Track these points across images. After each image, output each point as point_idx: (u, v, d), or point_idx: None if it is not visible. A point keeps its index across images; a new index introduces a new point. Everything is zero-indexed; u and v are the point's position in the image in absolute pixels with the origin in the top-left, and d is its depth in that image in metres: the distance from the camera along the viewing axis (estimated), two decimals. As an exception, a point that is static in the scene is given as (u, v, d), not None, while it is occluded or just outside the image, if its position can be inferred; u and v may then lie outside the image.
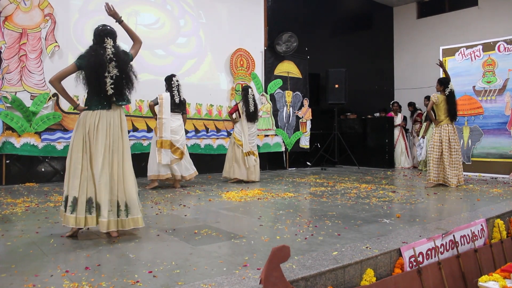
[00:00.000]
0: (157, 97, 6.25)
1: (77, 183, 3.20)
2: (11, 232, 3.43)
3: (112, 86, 3.28)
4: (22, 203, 4.81)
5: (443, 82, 6.60)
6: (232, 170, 7.09)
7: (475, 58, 8.58)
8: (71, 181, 3.22)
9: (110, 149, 3.29)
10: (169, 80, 6.35)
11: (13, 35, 6.41)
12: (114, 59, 3.33)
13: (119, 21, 3.59)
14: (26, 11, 6.53)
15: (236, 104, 7.21)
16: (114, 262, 2.66)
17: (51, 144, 6.67)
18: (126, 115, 7.29)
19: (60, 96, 6.62)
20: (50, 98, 6.66)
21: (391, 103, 11.13)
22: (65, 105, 6.79)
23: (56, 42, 6.78)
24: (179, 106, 6.33)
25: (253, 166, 7.10)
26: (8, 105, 6.34)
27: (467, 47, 8.73)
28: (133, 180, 3.41)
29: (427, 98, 10.05)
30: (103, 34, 3.40)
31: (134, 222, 3.33)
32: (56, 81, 3.34)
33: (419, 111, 10.56)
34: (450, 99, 6.52)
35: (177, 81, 6.33)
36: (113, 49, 3.35)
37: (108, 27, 3.48)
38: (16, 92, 6.39)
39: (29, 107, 6.46)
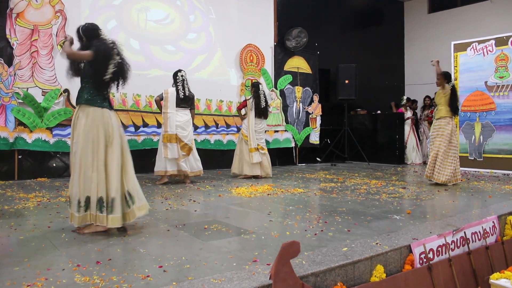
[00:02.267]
0: (162, 92, 6.28)
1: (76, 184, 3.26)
2: (23, 226, 3.47)
3: (115, 70, 3.35)
4: (34, 198, 4.87)
5: (448, 76, 6.38)
6: (241, 167, 7.09)
7: (487, 53, 8.47)
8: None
9: (96, 146, 3.25)
10: (175, 75, 6.34)
11: (25, 32, 6.47)
12: (115, 47, 3.39)
13: None
14: (37, 8, 6.58)
15: (245, 100, 7.19)
16: (125, 256, 2.68)
17: (62, 139, 6.73)
18: (136, 111, 7.42)
19: (71, 92, 6.66)
20: (61, 94, 6.71)
21: (405, 98, 10.97)
22: (75, 101, 6.84)
23: (67, 38, 6.82)
24: (185, 101, 6.29)
25: (261, 162, 7.09)
26: (20, 101, 6.40)
27: (479, 42, 8.62)
28: (131, 171, 3.39)
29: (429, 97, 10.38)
30: (96, 27, 3.48)
31: (138, 210, 3.35)
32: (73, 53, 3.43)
33: (433, 108, 10.48)
34: (453, 94, 6.35)
35: (181, 76, 6.29)
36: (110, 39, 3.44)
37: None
38: (27, 88, 6.45)
39: (40, 103, 6.52)
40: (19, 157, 6.50)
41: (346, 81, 10.17)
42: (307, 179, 7.12)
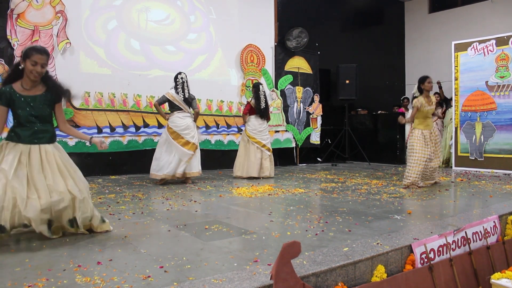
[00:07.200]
0: (164, 95, 6.28)
1: None
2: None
3: None
4: (35, 198, 4.86)
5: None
6: (246, 169, 7.07)
7: (488, 53, 8.46)
8: None
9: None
10: (175, 77, 6.35)
11: (26, 32, 6.47)
12: None
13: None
14: (38, 9, 6.58)
15: (248, 103, 7.18)
16: (126, 257, 2.68)
17: (63, 140, 6.72)
18: (137, 111, 7.42)
19: (71, 93, 6.66)
20: (62, 94, 6.71)
21: (401, 98, 11.06)
22: (76, 101, 6.84)
23: (68, 39, 6.82)
24: (185, 103, 6.31)
25: (264, 163, 7.09)
26: (21, 101, 6.40)
27: (480, 42, 8.61)
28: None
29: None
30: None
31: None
32: None
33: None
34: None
35: (181, 78, 6.29)
36: None
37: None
38: (28, 89, 6.45)
39: (41, 104, 6.52)
40: (20, 157, 6.49)
41: (347, 81, 10.16)
42: (308, 179, 7.12)
